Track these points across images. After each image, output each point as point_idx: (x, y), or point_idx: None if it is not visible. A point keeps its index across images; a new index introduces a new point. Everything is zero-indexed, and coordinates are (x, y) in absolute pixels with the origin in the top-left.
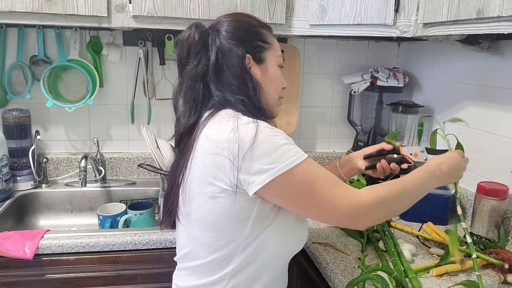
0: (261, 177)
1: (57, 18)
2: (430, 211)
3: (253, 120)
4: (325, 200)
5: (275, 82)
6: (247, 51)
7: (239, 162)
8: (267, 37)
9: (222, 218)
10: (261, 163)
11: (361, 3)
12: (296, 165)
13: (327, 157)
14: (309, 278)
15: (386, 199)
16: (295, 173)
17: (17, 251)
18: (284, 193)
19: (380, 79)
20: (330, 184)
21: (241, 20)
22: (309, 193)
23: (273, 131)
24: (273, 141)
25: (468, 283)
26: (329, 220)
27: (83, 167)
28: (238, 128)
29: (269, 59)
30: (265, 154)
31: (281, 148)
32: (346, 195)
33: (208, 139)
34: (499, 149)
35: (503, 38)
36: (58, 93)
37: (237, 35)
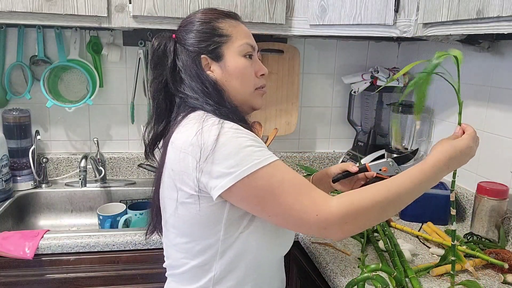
0: (222, 182)
1: (57, 18)
2: (430, 211)
3: (219, 121)
4: (290, 208)
5: (241, 74)
6: (201, 52)
7: (201, 166)
8: (224, 29)
9: (194, 223)
10: (222, 166)
11: (361, 3)
12: (259, 169)
13: (327, 157)
14: (309, 278)
15: (362, 209)
16: (258, 178)
17: (17, 251)
18: (247, 198)
19: (380, 79)
20: (296, 191)
21: (194, 21)
22: (273, 200)
23: (237, 132)
24: (236, 143)
25: (468, 283)
26: (298, 230)
27: (83, 167)
28: (202, 131)
29: (228, 53)
30: (226, 157)
31: (244, 151)
32: (313, 205)
33: (174, 143)
34: (499, 149)
35: (503, 38)
36: (58, 93)
37: (190, 38)
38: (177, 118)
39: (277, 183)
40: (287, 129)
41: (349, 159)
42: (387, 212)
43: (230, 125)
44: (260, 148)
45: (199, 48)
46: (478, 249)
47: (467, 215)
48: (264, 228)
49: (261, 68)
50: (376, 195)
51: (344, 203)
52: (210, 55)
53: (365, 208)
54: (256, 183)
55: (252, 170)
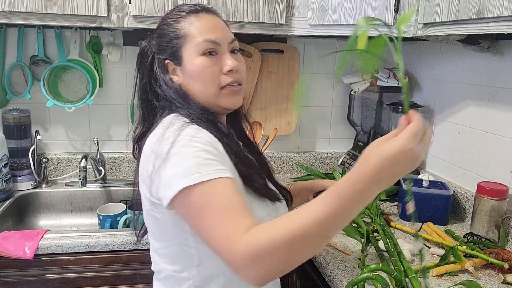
0: (167, 192)
1: (57, 18)
2: (430, 211)
3: (181, 126)
4: (207, 231)
5: (199, 75)
6: (165, 57)
7: (154, 175)
8: (182, 29)
9: (164, 229)
10: (168, 176)
11: (361, 3)
12: (197, 184)
13: (327, 157)
14: (309, 278)
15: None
16: (192, 193)
17: (17, 251)
18: (184, 213)
19: (380, 79)
20: (220, 218)
21: (160, 25)
22: (198, 220)
23: (191, 141)
24: (185, 152)
25: (468, 283)
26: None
27: (83, 167)
28: (162, 138)
29: (186, 54)
30: (173, 167)
31: (189, 162)
32: (227, 238)
33: (143, 148)
34: (499, 149)
35: (503, 38)
36: (58, 93)
37: (156, 43)
38: (157, 120)
39: (204, 203)
40: (287, 129)
41: (349, 159)
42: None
43: (189, 131)
44: (208, 161)
45: (163, 53)
46: (478, 249)
47: (467, 215)
48: None
49: (226, 64)
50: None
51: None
52: (172, 59)
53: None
54: (189, 199)
55: (188, 183)
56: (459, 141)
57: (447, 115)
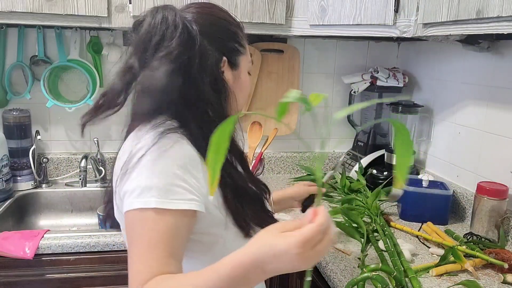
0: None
1: (57, 18)
2: (430, 211)
3: (162, 133)
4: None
5: (245, 90)
6: (223, 53)
7: (124, 175)
8: (242, 38)
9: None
10: (132, 187)
11: (361, 3)
12: (145, 209)
13: (327, 157)
14: None
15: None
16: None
17: (17, 251)
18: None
19: (380, 79)
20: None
21: (217, 15)
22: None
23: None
24: (153, 167)
25: (468, 283)
26: None
27: (83, 167)
28: (140, 140)
29: (243, 65)
30: (136, 179)
31: (153, 180)
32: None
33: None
34: (499, 149)
35: (503, 38)
36: (58, 93)
37: (213, 32)
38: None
39: (138, 234)
40: (287, 129)
41: (349, 159)
42: None
43: (166, 141)
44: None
45: (222, 49)
46: (478, 249)
47: (467, 215)
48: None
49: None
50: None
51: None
52: (229, 59)
53: None
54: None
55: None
56: (459, 141)
57: (447, 115)
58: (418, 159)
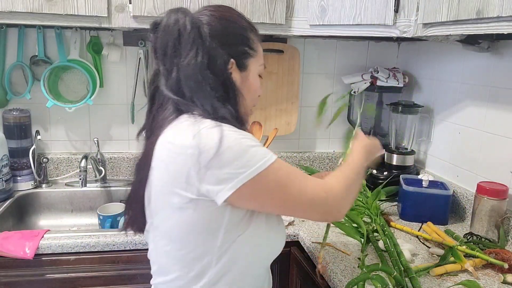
0: (231, 183)
1: (57, 18)
2: (430, 211)
3: (216, 123)
4: (301, 193)
5: (253, 91)
6: (231, 55)
7: (204, 170)
8: (254, 42)
9: (192, 230)
10: (230, 168)
11: (361, 3)
12: (268, 166)
13: (327, 157)
14: (309, 278)
15: (350, 183)
16: (268, 174)
17: (17, 251)
18: (259, 195)
19: (380, 79)
20: (301, 179)
21: (231, 19)
22: (284, 190)
23: (240, 134)
24: (241, 144)
25: (468, 283)
26: (310, 214)
27: (83, 167)
28: (201, 133)
29: (252, 67)
30: (233, 159)
31: (250, 151)
32: (319, 186)
33: (169, 145)
34: (499, 149)
35: (503, 38)
36: (58, 93)
37: (225, 35)
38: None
39: (285, 175)
40: (287, 129)
41: None
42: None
43: (229, 127)
44: (262, 147)
45: (231, 51)
46: (478, 249)
47: (467, 215)
48: (258, 230)
49: (261, 90)
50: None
51: (339, 180)
52: (237, 61)
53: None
54: (267, 179)
55: (262, 168)
56: (459, 141)
57: (447, 115)
58: (418, 159)
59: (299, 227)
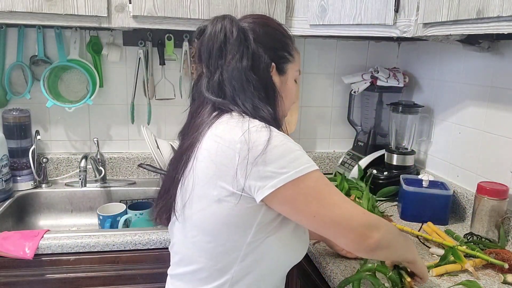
0: (272, 182)
1: (57, 18)
2: (430, 211)
3: (265, 125)
4: (337, 207)
5: (291, 95)
6: (272, 59)
7: (249, 166)
8: (292, 49)
9: (225, 223)
10: (274, 167)
11: (361, 3)
12: (309, 172)
13: (327, 157)
14: (309, 278)
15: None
16: (307, 180)
17: (17, 251)
18: (295, 200)
19: (380, 79)
20: (340, 196)
21: (272, 26)
22: (321, 200)
23: (286, 138)
24: (287, 146)
25: (468, 283)
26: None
27: (83, 167)
28: (250, 130)
29: (290, 72)
30: (278, 159)
31: (294, 154)
32: (358, 206)
33: (218, 139)
34: (499, 149)
35: (503, 38)
36: (58, 93)
37: (267, 41)
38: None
39: (324, 185)
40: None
41: (349, 159)
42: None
43: (277, 130)
44: (305, 155)
45: (273, 56)
46: (478, 249)
47: (467, 215)
48: (286, 235)
49: (297, 97)
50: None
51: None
52: (277, 65)
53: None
54: (305, 185)
55: (303, 172)
56: (459, 141)
57: (447, 115)
58: (418, 159)
59: None
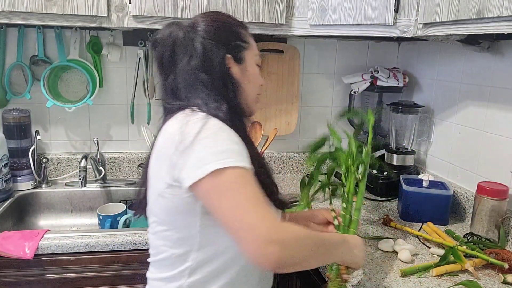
0: (193, 173)
1: (57, 18)
2: (430, 211)
3: (206, 116)
4: (245, 212)
5: (254, 80)
6: (227, 51)
7: (178, 157)
8: (245, 36)
9: (174, 212)
10: (197, 158)
11: (361, 3)
12: (229, 167)
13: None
14: (309, 278)
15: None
16: (224, 174)
17: (17, 251)
18: (209, 193)
19: (380, 79)
20: (255, 200)
21: (220, 20)
22: (231, 198)
23: (220, 130)
24: (215, 139)
25: (468, 283)
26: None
27: (83, 167)
28: (188, 123)
29: (248, 59)
30: (202, 150)
31: (220, 147)
32: (269, 217)
33: (164, 133)
34: (499, 149)
35: (503, 38)
36: (58, 93)
37: (217, 35)
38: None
39: (240, 185)
40: (287, 129)
41: None
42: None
43: (216, 121)
44: (238, 150)
45: (222, 47)
46: (478, 249)
47: (467, 215)
48: None
49: (261, 79)
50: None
51: (292, 227)
52: (233, 55)
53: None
54: (222, 179)
55: (222, 166)
56: (459, 141)
57: (447, 115)
58: (418, 159)
59: None
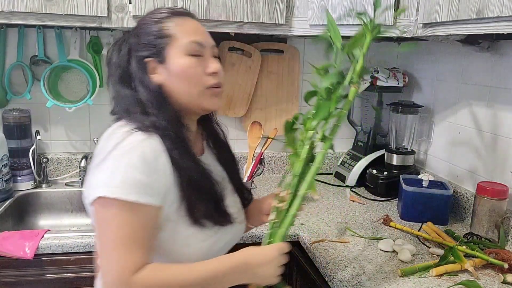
0: (88, 193)
1: (57, 18)
2: (430, 211)
3: (130, 131)
4: (109, 254)
5: (185, 74)
6: (149, 55)
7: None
8: (168, 29)
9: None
10: (97, 178)
11: (361, 3)
12: (116, 199)
13: (327, 157)
14: (309, 278)
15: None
16: (109, 206)
17: (17, 251)
18: (93, 216)
19: (380, 79)
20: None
21: (139, 25)
22: (104, 235)
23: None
24: (120, 162)
25: (468, 283)
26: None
27: (83, 167)
28: (110, 136)
29: (172, 54)
30: (104, 170)
31: (117, 172)
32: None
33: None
34: (499, 149)
35: (503, 38)
36: (58, 93)
37: (137, 42)
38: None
39: (119, 222)
40: None
41: (349, 159)
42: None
43: (133, 139)
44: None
45: (142, 52)
46: (478, 249)
47: (467, 215)
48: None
49: (211, 66)
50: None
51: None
52: (156, 57)
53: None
54: (105, 208)
55: (110, 195)
56: (459, 141)
57: (447, 115)
58: (418, 159)
59: (299, 228)
